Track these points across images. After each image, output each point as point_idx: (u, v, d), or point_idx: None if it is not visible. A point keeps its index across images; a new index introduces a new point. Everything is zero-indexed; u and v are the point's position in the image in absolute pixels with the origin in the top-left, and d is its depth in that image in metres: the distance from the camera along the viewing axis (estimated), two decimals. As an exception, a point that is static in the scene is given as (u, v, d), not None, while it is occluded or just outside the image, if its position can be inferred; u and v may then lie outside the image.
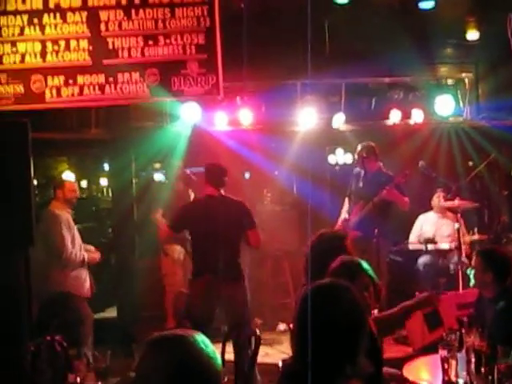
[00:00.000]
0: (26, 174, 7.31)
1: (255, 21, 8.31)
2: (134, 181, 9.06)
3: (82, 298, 7.28)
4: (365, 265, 3.85)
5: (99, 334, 7.46)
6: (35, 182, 9.24)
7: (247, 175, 10.40)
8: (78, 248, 7.25)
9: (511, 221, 9.39)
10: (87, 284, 7.37)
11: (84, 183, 14.63)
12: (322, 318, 2.68)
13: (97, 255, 7.56)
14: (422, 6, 8.44)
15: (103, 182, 14.43)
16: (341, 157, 10.70)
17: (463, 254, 8.12)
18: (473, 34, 9.08)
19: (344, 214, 8.51)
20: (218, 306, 6.49)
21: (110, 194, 10.52)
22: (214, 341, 2.42)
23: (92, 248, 7.58)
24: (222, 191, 6.74)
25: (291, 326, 3.40)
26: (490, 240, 8.94)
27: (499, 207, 9.66)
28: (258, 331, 5.32)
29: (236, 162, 8.96)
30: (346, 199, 8.64)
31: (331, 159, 10.68)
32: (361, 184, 8.41)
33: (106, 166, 12.53)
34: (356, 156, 8.58)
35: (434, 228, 8.90)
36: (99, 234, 10.50)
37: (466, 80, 9.82)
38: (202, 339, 2.31)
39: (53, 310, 7.01)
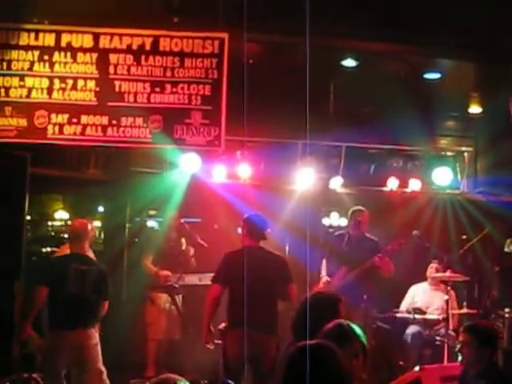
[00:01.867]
0: (20, 209, 7.37)
1: (262, 77, 8.40)
2: (127, 225, 9.03)
3: None
4: (359, 331, 3.80)
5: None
6: (28, 218, 9.23)
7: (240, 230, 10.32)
8: None
9: (501, 296, 9.35)
10: None
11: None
12: (306, 379, 2.64)
13: None
14: (428, 76, 8.57)
15: (96, 224, 14.37)
16: (335, 220, 10.70)
17: (450, 327, 8.06)
18: (475, 108, 9.21)
19: (325, 276, 8.40)
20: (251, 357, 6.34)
21: (102, 237, 10.46)
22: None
23: None
24: (262, 244, 6.76)
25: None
26: (479, 315, 8.89)
27: (490, 282, 9.62)
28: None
29: (231, 215, 8.95)
30: (324, 261, 8.55)
31: (326, 221, 10.68)
32: (346, 248, 8.36)
33: (100, 208, 12.51)
34: (351, 218, 8.53)
35: (425, 298, 8.83)
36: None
37: (466, 153, 9.91)
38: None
39: None
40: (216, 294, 6.65)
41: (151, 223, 10.80)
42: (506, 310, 8.68)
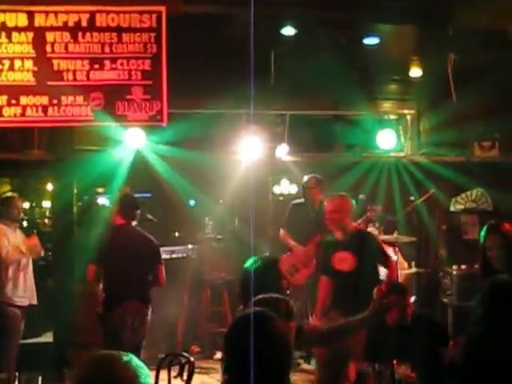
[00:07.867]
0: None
1: (202, 49, 8.37)
2: (75, 203, 8.96)
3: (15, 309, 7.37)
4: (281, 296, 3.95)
5: (33, 359, 7.38)
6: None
7: (192, 202, 10.31)
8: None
9: (448, 254, 9.56)
10: (23, 292, 7.46)
11: (26, 205, 14.41)
12: (250, 346, 2.67)
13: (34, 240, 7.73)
14: (367, 41, 8.62)
15: (46, 204, 14.19)
16: (286, 187, 10.72)
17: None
18: (415, 72, 9.29)
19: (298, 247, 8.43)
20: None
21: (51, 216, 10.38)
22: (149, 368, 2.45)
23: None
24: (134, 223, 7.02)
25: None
26: (428, 273, 9.09)
27: (437, 242, 9.81)
28: (192, 359, 5.29)
29: (180, 189, 8.95)
30: (282, 230, 8.58)
31: (276, 189, 10.70)
32: (312, 216, 8.40)
33: (50, 187, 12.37)
34: (306, 186, 8.54)
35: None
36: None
37: (408, 116, 10.03)
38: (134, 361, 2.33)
39: None
40: (92, 276, 6.97)
41: (101, 200, 10.70)
42: (454, 267, 8.88)
